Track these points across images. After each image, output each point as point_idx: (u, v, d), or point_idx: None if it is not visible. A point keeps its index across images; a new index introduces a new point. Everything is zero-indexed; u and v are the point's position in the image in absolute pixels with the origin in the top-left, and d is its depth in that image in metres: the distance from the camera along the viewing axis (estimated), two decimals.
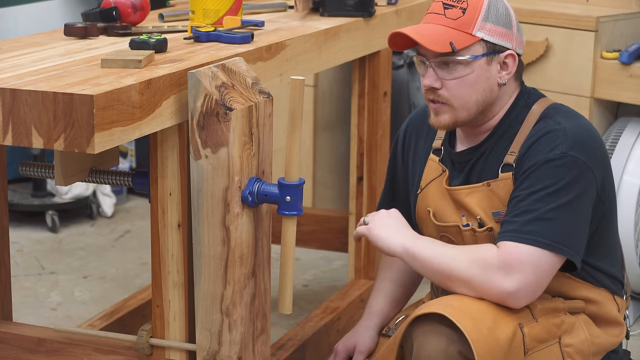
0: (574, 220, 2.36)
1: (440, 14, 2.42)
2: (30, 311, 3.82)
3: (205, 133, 2.29)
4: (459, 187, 2.49)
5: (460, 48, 2.38)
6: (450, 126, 2.46)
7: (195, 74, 2.28)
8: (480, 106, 2.44)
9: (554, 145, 2.38)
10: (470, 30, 2.40)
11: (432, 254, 2.39)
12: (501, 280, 2.32)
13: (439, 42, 2.38)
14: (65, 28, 2.71)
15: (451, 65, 2.40)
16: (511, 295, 2.33)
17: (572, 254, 2.35)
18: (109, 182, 2.61)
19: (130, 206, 4.99)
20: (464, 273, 2.35)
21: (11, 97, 2.12)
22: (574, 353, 2.43)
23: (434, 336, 2.28)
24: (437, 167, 2.56)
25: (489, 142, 2.48)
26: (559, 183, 2.35)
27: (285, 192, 2.33)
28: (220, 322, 2.36)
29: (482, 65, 2.41)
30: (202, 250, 2.35)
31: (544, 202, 2.34)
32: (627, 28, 3.82)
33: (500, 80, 2.45)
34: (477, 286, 2.34)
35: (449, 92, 2.42)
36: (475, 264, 2.34)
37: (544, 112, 2.46)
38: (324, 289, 4.05)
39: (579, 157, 2.36)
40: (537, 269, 2.33)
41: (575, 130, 2.40)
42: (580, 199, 2.36)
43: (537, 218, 2.34)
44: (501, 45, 2.43)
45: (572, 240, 2.35)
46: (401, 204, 2.71)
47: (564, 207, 2.34)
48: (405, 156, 2.69)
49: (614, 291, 2.52)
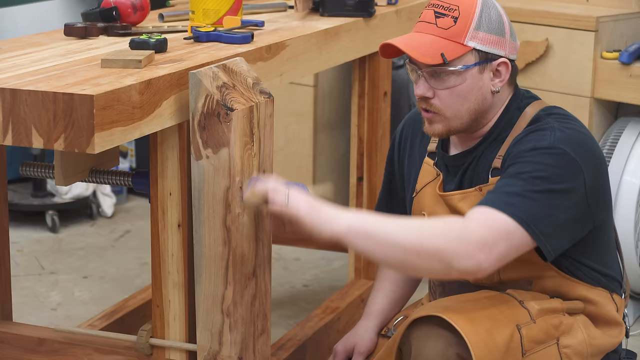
0: (555, 212, 2.29)
1: (432, 23, 2.39)
2: (30, 311, 3.82)
3: (207, 133, 2.29)
4: (452, 193, 2.48)
5: (452, 59, 2.37)
6: (444, 135, 2.45)
7: (197, 74, 2.28)
8: (473, 114, 2.43)
9: (541, 138, 2.34)
10: (461, 40, 2.37)
11: (392, 229, 2.23)
12: (476, 252, 2.20)
13: (429, 53, 2.36)
14: (65, 28, 2.70)
15: (443, 75, 2.38)
16: (482, 268, 2.22)
17: (542, 240, 2.28)
18: (109, 182, 2.61)
19: (130, 206, 4.99)
20: (435, 244, 2.21)
21: (11, 97, 2.12)
22: (572, 354, 2.42)
23: (432, 339, 2.28)
24: (431, 170, 2.55)
25: (481, 146, 2.47)
26: (547, 170, 2.29)
27: None
28: (221, 323, 2.36)
29: (474, 75, 2.40)
30: (203, 250, 2.35)
31: (528, 182, 2.28)
32: (627, 28, 3.82)
33: (493, 88, 2.43)
34: (451, 259, 2.20)
35: (441, 102, 2.41)
36: (448, 232, 2.22)
37: (536, 115, 2.44)
38: (324, 289, 4.05)
39: (567, 150, 2.31)
40: (509, 242, 2.24)
41: (566, 130, 2.36)
42: (566, 195, 2.30)
43: (519, 194, 2.27)
44: (493, 53, 2.40)
45: (548, 229, 2.28)
46: (399, 204, 2.71)
47: (548, 194, 2.28)
48: (401, 157, 2.69)
49: (613, 290, 2.51)
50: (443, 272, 2.23)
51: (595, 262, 2.47)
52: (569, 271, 2.45)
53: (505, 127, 2.45)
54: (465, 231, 2.22)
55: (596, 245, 2.47)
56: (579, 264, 2.44)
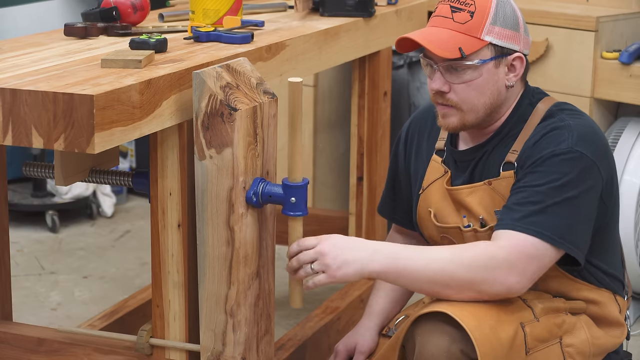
0: (579, 216, 2.34)
1: (448, 17, 2.40)
2: (30, 311, 3.82)
3: (210, 133, 2.29)
4: (460, 187, 2.48)
5: (469, 53, 2.38)
6: (459, 129, 2.45)
7: (200, 74, 2.28)
8: (488, 109, 2.43)
9: (560, 141, 2.37)
10: (478, 35, 2.39)
11: (422, 264, 2.29)
12: (506, 276, 2.28)
13: (447, 47, 2.37)
14: (65, 28, 2.70)
15: (459, 69, 2.39)
16: (514, 291, 2.30)
17: (573, 249, 2.34)
18: (109, 182, 2.60)
19: (130, 206, 4.98)
20: (465, 275, 2.28)
21: (11, 97, 2.12)
22: (574, 353, 2.43)
23: (436, 335, 2.28)
24: (439, 167, 2.56)
25: (493, 141, 2.48)
26: (565, 177, 2.33)
27: (290, 193, 2.33)
28: (225, 323, 2.36)
29: (490, 69, 2.41)
30: (206, 250, 2.35)
31: (548, 195, 2.32)
32: (627, 28, 3.82)
33: (508, 83, 2.44)
34: (480, 287, 2.29)
35: (457, 96, 2.41)
36: (476, 263, 2.28)
37: (548, 111, 2.46)
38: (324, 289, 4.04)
39: (585, 152, 2.35)
40: (540, 262, 2.31)
41: (581, 127, 2.40)
42: (585, 195, 2.34)
43: (541, 210, 2.31)
44: (509, 48, 2.41)
45: (575, 236, 2.34)
46: (402, 203, 2.71)
47: (568, 202, 2.32)
48: (407, 156, 2.69)
49: (616, 291, 2.52)
50: (476, 297, 2.31)
51: (601, 261, 2.48)
52: (574, 272, 2.45)
53: (518, 122, 2.46)
54: (494, 260, 2.29)
55: (603, 244, 2.48)
56: (586, 263, 2.44)
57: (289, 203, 2.33)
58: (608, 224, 2.47)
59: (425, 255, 2.31)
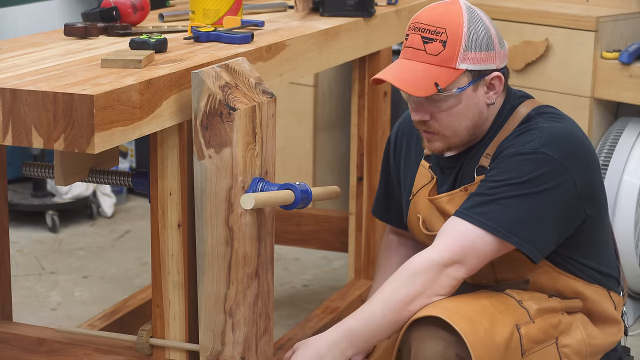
0: (536, 214, 2.33)
1: (420, 49, 2.37)
2: (30, 311, 3.82)
3: (209, 133, 2.29)
4: (440, 196, 2.49)
5: (445, 85, 2.36)
6: (444, 151, 2.47)
7: (199, 74, 2.28)
8: (472, 129, 2.44)
9: (526, 142, 2.37)
10: (453, 65, 2.36)
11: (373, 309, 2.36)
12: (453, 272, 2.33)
13: (423, 85, 2.35)
14: (65, 28, 2.70)
15: (439, 99, 2.38)
16: (460, 279, 2.35)
17: (524, 245, 2.33)
18: (109, 182, 2.60)
19: (130, 206, 4.99)
20: (414, 289, 2.33)
21: (11, 97, 2.12)
22: (571, 354, 2.43)
23: (431, 340, 2.28)
24: (427, 173, 2.56)
25: (475, 147, 2.48)
26: (525, 176, 2.33)
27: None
28: (224, 323, 2.36)
29: (469, 94, 2.40)
30: (205, 250, 2.35)
31: (502, 189, 2.33)
32: (627, 28, 3.82)
33: (488, 101, 2.43)
34: (426, 291, 2.33)
35: (440, 124, 2.41)
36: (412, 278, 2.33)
37: (527, 115, 2.45)
38: (324, 289, 4.05)
39: (550, 154, 2.34)
40: (477, 251, 2.33)
41: (554, 130, 2.38)
42: (547, 194, 2.33)
43: (491, 202, 2.33)
44: (486, 69, 2.40)
45: (531, 233, 2.33)
46: (395, 205, 2.71)
47: (526, 198, 2.32)
48: (397, 159, 2.69)
49: (610, 288, 2.52)
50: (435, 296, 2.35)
51: (591, 260, 2.48)
52: (564, 267, 2.46)
53: (497, 128, 2.45)
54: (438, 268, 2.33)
55: (592, 244, 2.47)
56: (574, 261, 2.45)
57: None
58: (594, 224, 2.45)
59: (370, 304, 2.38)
